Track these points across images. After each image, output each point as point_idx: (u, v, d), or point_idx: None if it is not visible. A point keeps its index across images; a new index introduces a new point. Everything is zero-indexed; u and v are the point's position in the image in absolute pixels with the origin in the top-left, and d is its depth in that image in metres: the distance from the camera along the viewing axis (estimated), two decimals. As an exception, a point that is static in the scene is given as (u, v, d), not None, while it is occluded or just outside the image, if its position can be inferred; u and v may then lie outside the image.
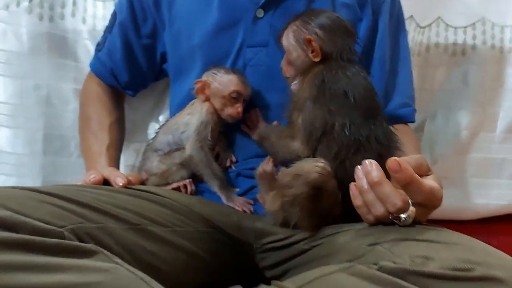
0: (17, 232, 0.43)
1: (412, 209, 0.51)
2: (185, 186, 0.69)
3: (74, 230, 0.48)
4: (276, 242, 0.64)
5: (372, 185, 0.51)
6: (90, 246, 0.47)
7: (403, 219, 0.51)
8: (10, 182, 0.90)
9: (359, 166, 0.52)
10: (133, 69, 0.84)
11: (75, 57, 0.93)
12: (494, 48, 0.96)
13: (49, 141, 0.91)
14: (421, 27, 0.95)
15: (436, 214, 0.56)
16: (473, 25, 0.97)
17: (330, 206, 0.57)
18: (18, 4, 0.89)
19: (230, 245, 0.65)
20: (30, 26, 0.89)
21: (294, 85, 0.65)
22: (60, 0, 0.92)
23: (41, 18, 0.90)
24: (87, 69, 0.91)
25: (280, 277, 0.62)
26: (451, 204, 0.96)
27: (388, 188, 0.50)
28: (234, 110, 0.69)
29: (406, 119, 0.80)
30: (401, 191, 0.51)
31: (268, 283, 0.50)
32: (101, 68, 0.85)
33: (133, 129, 0.93)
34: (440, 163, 0.96)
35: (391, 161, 0.48)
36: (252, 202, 0.69)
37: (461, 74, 0.97)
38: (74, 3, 0.93)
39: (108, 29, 0.85)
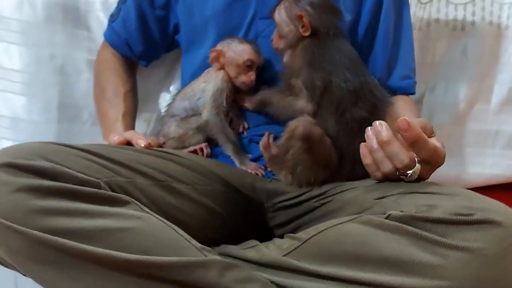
0: (60, 182, 0.48)
1: (417, 166, 0.55)
2: (201, 149, 0.73)
3: (108, 182, 0.52)
4: (287, 201, 0.69)
5: (382, 144, 0.55)
6: (124, 196, 0.51)
7: (409, 175, 0.55)
8: None
9: (369, 128, 0.57)
10: (147, 39, 0.87)
11: (88, 28, 0.94)
12: (492, 24, 0.99)
13: (64, 109, 0.93)
14: (422, 3, 0.98)
15: (433, 181, 0.60)
16: (473, 1, 0.99)
17: (326, 155, 0.62)
18: None
19: (244, 204, 0.70)
20: None
21: (286, 57, 0.71)
22: None
23: None
24: (100, 39, 0.93)
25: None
26: (448, 173, 0.99)
27: (396, 146, 0.55)
28: (247, 78, 0.73)
29: (407, 91, 0.84)
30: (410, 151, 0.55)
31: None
32: (115, 38, 0.87)
33: (144, 99, 0.95)
34: (437, 133, 0.99)
35: (401, 120, 0.53)
36: (263, 167, 0.74)
37: (460, 49, 1.00)
38: None
39: (122, 0, 0.87)
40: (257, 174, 0.72)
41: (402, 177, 0.56)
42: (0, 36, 0.90)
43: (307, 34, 0.67)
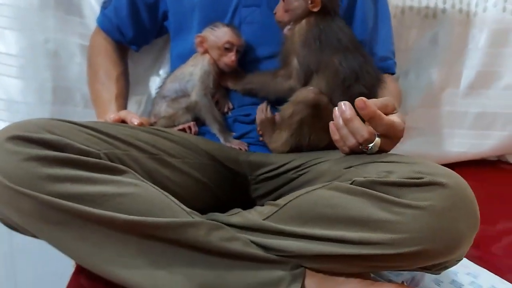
0: (65, 152, 0.54)
1: (377, 139, 0.63)
2: (189, 128, 0.80)
3: (107, 154, 0.59)
4: (268, 172, 0.75)
5: (345, 121, 0.62)
6: (122, 166, 0.58)
7: (370, 147, 0.63)
8: None
9: (336, 107, 0.64)
10: (137, 26, 0.92)
11: (80, 14, 0.98)
12: (461, 12, 1.05)
13: (57, 91, 0.96)
14: (397, -8, 1.04)
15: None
16: (444, -11, 1.06)
17: (329, 120, 0.69)
18: None
19: (229, 177, 0.76)
20: None
21: (288, 30, 0.76)
22: None
23: None
24: (92, 25, 0.97)
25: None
26: (421, 152, 1.08)
27: (357, 123, 0.62)
28: (228, 59, 0.79)
29: (387, 71, 0.91)
30: (369, 126, 0.63)
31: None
32: (108, 24, 0.92)
33: (135, 83, 0.99)
34: (411, 115, 1.07)
35: (358, 100, 0.60)
36: (246, 144, 0.80)
37: (431, 35, 1.06)
38: None
39: None
40: (240, 149, 0.79)
41: (364, 150, 0.64)
42: None
43: (316, 9, 0.73)
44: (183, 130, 0.79)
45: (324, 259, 0.57)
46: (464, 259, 0.64)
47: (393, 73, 0.93)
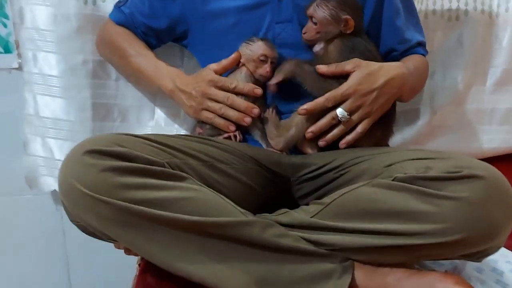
0: (134, 162, 0.60)
1: (339, 110, 0.76)
2: (234, 136, 0.85)
3: (169, 163, 0.65)
4: (310, 173, 0.80)
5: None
6: (183, 173, 0.64)
7: (340, 117, 0.76)
8: (66, 145, 1.01)
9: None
10: (152, 32, 0.93)
11: None
12: (484, 13, 1.09)
13: (96, 108, 1.01)
14: (420, -3, 1.08)
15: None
16: (465, -7, 1.09)
17: None
18: None
19: (273, 179, 0.81)
20: (77, 9, 0.98)
21: (320, 49, 0.82)
22: None
23: (85, 2, 0.99)
24: None
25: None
26: (449, 148, 1.11)
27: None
28: (263, 71, 0.83)
29: (420, 53, 0.95)
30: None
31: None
32: (122, 18, 0.93)
33: None
34: (439, 113, 1.10)
35: (300, 111, 0.76)
36: None
37: (455, 37, 1.10)
38: None
39: None
40: (281, 151, 0.84)
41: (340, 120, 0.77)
42: (39, 46, 0.99)
43: (349, 31, 0.80)
44: (229, 138, 0.85)
45: (370, 251, 0.62)
46: (503, 248, 0.68)
47: (424, 54, 0.97)
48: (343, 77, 0.78)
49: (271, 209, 0.75)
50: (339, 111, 0.76)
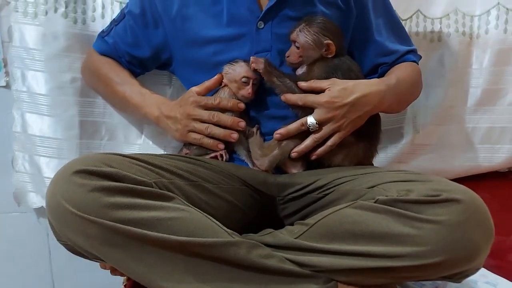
0: (123, 182, 0.61)
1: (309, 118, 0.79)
2: (221, 155, 0.86)
3: (156, 183, 0.66)
4: (294, 192, 0.81)
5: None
6: (170, 193, 0.65)
7: (309, 126, 0.79)
8: (53, 163, 1.02)
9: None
10: (136, 60, 0.95)
11: None
12: (464, 35, 1.13)
13: (84, 126, 1.02)
14: (403, 20, 1.10)
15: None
16: (447, 16, 1.12)
17: None
18: (55, 11, 0.99)
19: (258, 198, 0.83)
20: (66, 28, 1.00)
21: (302, 72, 0.84)
22: (91, 5, 1.02)
23: (75, 21, 1.01)
24: None
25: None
26: (435, 167, 1.14)
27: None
28: (245, 92, 0.85)
29: (411, 60, 0.97)
30: None
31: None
32: (105, 48, 0.95)
33: None
34: (422, 132, 1.13)
35: (275, 136, 0.81)
36: None
37: (437, 57, 1.13)
38: (103, 7, 1.03)
39: (115, 21, 0.94)
40: (267, 171, 0.85)
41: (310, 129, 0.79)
42: (27, 65, 1.00)
43: (331, 56, 0.82)
44: (215, 157, 0.86)
45: (353, 273, 0.63)
46: (483, 268, 0.70)
47: (416, 61, 0.98)
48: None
49: (257, 228, 0.76)
50: (309, 119, 0.79)
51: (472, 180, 1.15)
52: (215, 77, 0.85)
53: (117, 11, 1.03)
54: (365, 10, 0.92)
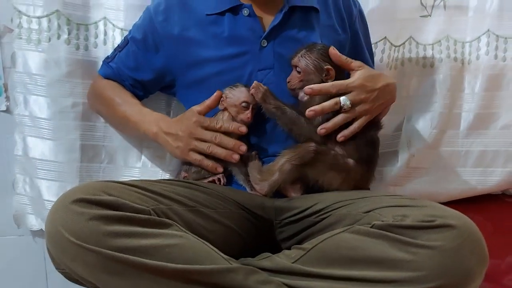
0: (121, 211, 0.62)
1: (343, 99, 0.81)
2: (219, 179, 0.87)
3: (154, 210, 0.66)
4: (292, 216, 0.82)
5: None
6: (167, 220, 0.66)
7: (342, 104, 0.81)
8: (54, 186, 1.03)
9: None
10: (140, 84, 0.97)
11: None
12: (456, 60, 1.15)
13: (84, 150, 1.04)
14: (395, 46, 1.13)
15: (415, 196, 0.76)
16: (439, 42, 1.15)
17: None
18: (58, 37, 1.01)
19: (256, 223, 0.83)
20: (68, 54, 1.02)
21: (305, 97, 0.86)
22: (93, 31, 1.05)
23: (77, 47, 1.03)
24: None
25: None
26: (430, 190, 1.16)
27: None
28: (245, 116, 0.86)
29: None
30: None
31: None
32: (110, 72, 0.98)
33: None
34: (416, 156, 1.15)
35: (305, 90, 0.82)
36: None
37: (430, 83, 1.16)
38: (105, 33, 1.06)
39: (119, 48, 0.98)
40: (265, 195, 0.86)
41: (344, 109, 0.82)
42: (30, 90, 1.02)
43: (330, 81, 0.85)
44: (213, 181, 0.87)
45: (350, 297, 0.64)
46: (477, 293, 0.70)
47: None
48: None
49: (254, 251, 0.76)
50: (343, 98, 0.82)
51: (466, 203, 1.18)
52: (215, 94, 0.87)
53: (118, 37, 1.06)
54: (357, 36, 0.97)
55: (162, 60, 0.94)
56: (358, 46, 0.99)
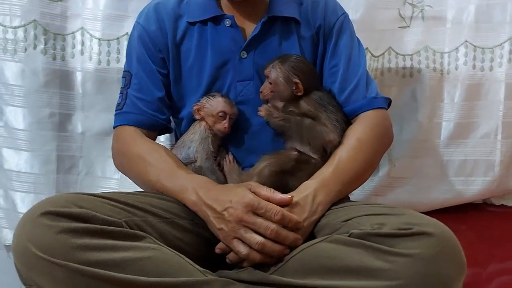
0: (91, 223, 0.60)
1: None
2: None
3: (127, 222, 0.65)
4: None
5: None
6: (140, 232, 0.64)
7: None
8: (29, 198, 1.02)
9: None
10: (159, 105, 0.89)
11: (83, 88, 1.06)
12: (435, 71, 1.17)
13: (61, 161, 1.03)
14: (375, 56, 1.15)
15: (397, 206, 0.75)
16: (418, 52, 1.17)
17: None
18: (35, 47, 1.01)
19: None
20: (45, 64, 1.02)
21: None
22: (70, 42, 1.05)
23: (54, 58, 1.03)
24: (90, 97, 1.04)
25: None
26: (411, 199, 1.16)
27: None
28: (221, 126, 0.86)
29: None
30: None
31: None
32: (129, 118, 0.87)
33: None
34: (397, 166, 1.16)
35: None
36: None
37: (410, 92, 1.17)
38: (83, 43, 1.06)
39: (125, 86, 0.88)
40: None
41: None
42: (6, 101, 1.01)
43: (300, 94, 0.84)
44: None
45: (328, 308, 0.63)
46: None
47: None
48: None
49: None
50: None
51: (447, 212, 1.19)
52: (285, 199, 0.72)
53: (96, 47, 1.06)
54: (337, 48, 0.94)
55: (164, 71, 0.89)
56: (337, 57, 0.92)
